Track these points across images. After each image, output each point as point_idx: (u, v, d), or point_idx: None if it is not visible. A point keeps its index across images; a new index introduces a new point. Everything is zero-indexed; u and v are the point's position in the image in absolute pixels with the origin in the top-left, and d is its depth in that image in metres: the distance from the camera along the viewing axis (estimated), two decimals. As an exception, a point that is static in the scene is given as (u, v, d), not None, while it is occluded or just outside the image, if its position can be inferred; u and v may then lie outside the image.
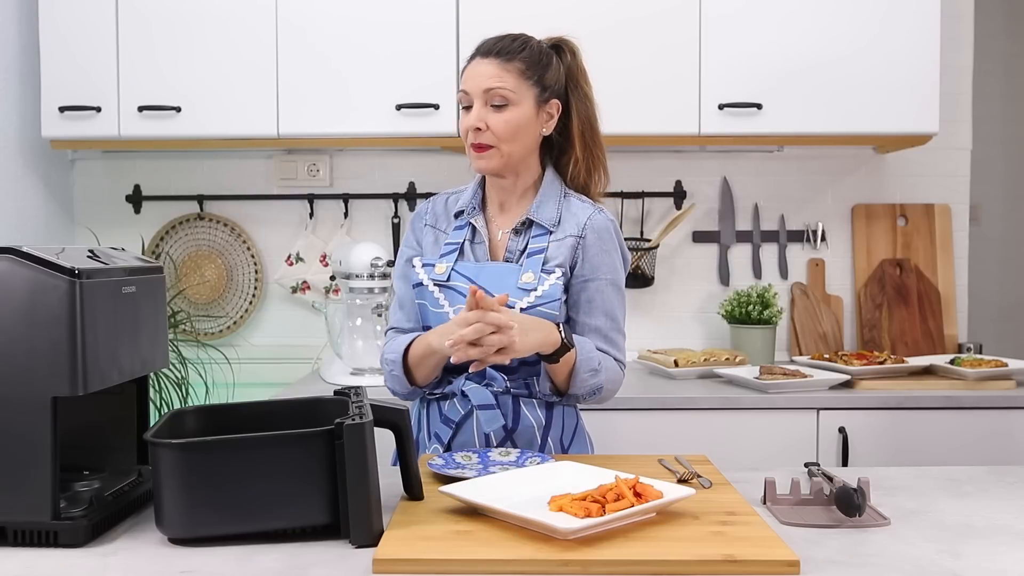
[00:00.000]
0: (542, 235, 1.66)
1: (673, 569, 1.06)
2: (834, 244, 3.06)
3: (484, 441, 1.64)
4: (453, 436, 1.66)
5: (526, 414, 1.65)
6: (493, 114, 1.61)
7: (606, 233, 1.68)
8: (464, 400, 1.65)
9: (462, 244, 1.70)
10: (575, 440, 1.72)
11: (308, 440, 1.16)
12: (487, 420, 1.62)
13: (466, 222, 1.71)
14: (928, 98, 2.64)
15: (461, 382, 1.66)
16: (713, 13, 2.64)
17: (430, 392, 1.70)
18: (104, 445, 1.42)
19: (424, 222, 1.77)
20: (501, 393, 1.64)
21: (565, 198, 1.70)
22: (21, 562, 1.11)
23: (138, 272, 1.33)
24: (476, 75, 1.63)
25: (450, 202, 1.77)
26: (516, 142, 1.63)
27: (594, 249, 1.66)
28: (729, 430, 2.38)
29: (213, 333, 3.06)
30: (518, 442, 1.64)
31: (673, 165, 3.05)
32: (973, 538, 1.19)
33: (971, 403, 2.39)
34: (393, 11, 2.66)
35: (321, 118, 2.68)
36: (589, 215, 1.67)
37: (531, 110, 1.64)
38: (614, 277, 1.68)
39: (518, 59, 1.62)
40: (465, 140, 1.66)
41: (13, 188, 2.77)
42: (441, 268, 1.67)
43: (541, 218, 1.67)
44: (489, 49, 1.64)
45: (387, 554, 1.08)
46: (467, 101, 1.64)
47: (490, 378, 1.64)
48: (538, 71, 1.64)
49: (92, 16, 2.69)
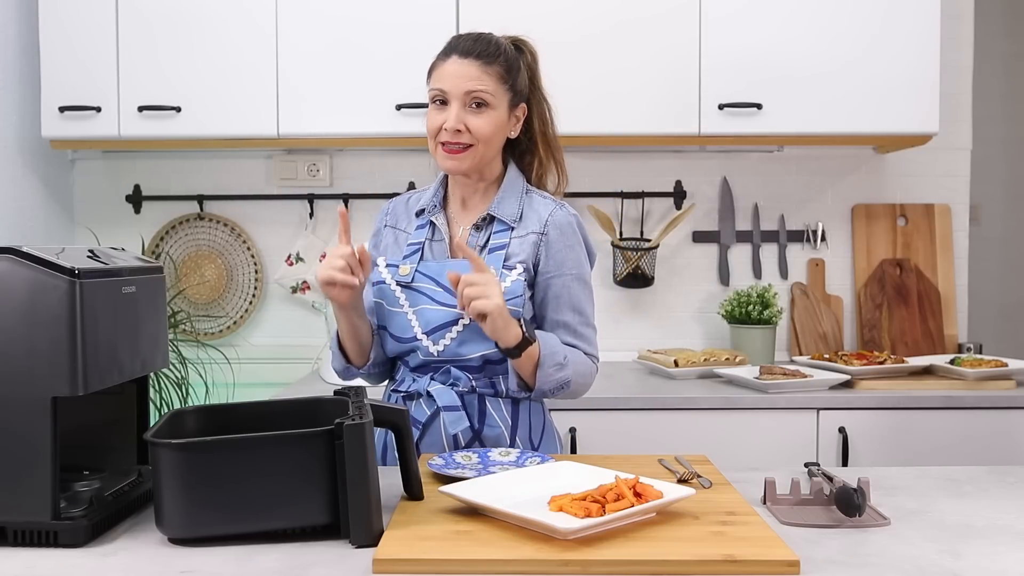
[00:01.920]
0: (503, 231, 1.66)
1: (673, 569, 1.06)
2: (834, 244, 3.06)
3: (452, 442, 1.63)
4: (420, 438, 1.65)
5: (491, 414, 1.64)
6: (472, 116, 1.61)
7: (568, 228, 1.67)
8: (430, 400, 1.64)
9: (423, 243, 1.70)
10: (544, 439, 1.71)
11: (308, 440, 1.16)
12: (452, 421, 1.61)
13: (427, 220, 1.71)
14: (928, 98, 2.64)
15: (426, 382, 1.65)
16: (713, 13, 2.64)
17: (394, 390, 1.71)
18: (104, 445, 1.42)
19: (384, 223, 1.77)
20: (467, 393, 1.64)
21: (527, 195, 1.70)
22: (21, 562, 1.11)
23: (138, 272, 1.33)
24: (456, 75, 1.61)
25: (411, 201, 1.77)
26: (491, 144, 1.64)
27: (557, 245, 1.65)
28: (729, 430, 2.38)
29: (213, 333, 3.06)
30: (486, 443, 1.64)
31: (673, 165, 3.05)
32: (973, 538, 1.19)
33: (971, 403, 2.39)
34: (393, 11, 2.66)
35: (321, 118, 2.68)
36: (551, 211, 1.67)
37: (504, 113, 1.64)
38: (579, 272, 1.67)
39: (497, 63, 1.62)
40: (433, 138, 1.64)
41: (13, 188, 2.77)
42: (405, 269, 1.67)
43: (502, 214, 1.67)
44: (468, 50, 1.62)
45: (387, 554, 1.08)
46: (441, 99, 1.63)
47: (455, 378, 1.64)
48: (512, 75, 1.65)
49: (92, 16, 2.69)
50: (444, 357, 1.63)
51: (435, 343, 1.63)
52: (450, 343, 1.62)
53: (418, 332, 1.63)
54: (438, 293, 1.63)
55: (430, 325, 1.63)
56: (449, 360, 1.63)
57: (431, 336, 1.63)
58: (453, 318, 1.61)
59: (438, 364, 1.65)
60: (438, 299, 1.62)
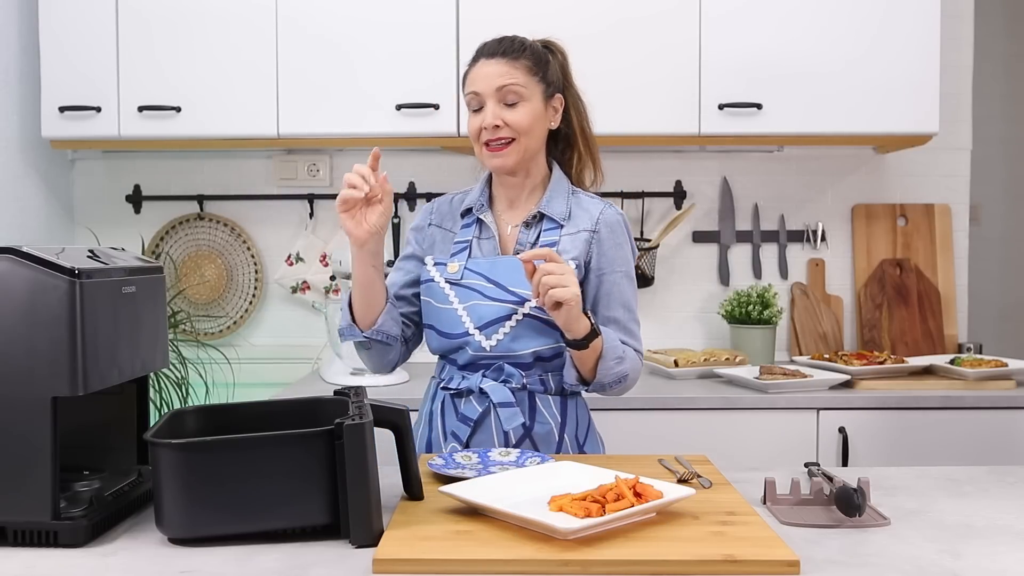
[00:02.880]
0: (553, 229, 1.68)
1: (673, 569, 1.06)
2: (834, 244, 3.06)
3: (504, 440, 1.64)
4: (472, 434, 1.66)
5: (542, 410, 1.66)
6: (507, 111, 1.64)
7: (618, 227, 1.71)
8: (481, 398, 1.66)
9: (471, 241, 1.71)
10: (588, 438, 1.73)
11: (308, 440, 1.16)
12: (507, 418, 1.63)
13: (474, 219, 1.73)
14: (928, 98, 2.64)
15: (478, 379, 1.66)
16: (713, 13, 2.64)
17: (443, 387, 1.71)
18: (104, 445, 1.42)
19: (429, 222, 1.78)
20: (518, 390, 1.65)
21: (573, 194, 1.73)
22: (21, 562, 1.11)
23: (138, 272, 1.33)
24: (486, 75, 1.65)
25: (455, 202, 1.79)
26: (532, 135, 1.66)
27: (608, 243, 1.68)
28: (729, 430, 2.38)
29: (213, 333, 3.06)
30: (536, 440, 1.65)
31: (673, 165, 3.05)
32: (973, 538, 1.19)
33: (971, 403, 2.39)
34: (393, 11, 2.66)
35: (321, 118, 2.68)
36: (601, 210, 1.71)
37: (540, 105, 1.67)
38: (628, 269, 1.71)
39: (523, 57, 1.66)
40: (477, 140, 1.67)
41: (13, 188, 2.77)
42: (454, 267, 1.69)
43: (552, 212, 1.69)
44: (494, 50, 1.66)
45: (387, 554, 1.08)
46: (477, 103, 1.66)
47: (507, 375, 1.65)
48: (542, 68, 1.68)
49: (92, 16, 2.69)
50: (496, 352, 1.65)
51: (487, 338, 1.64)
52: (503, 338, 1.64)
53: (470, 327, 1.65)
54: (489, 289, 1.65)
55: (482, 320, 1.64)
56: (501, 356, 1.65)
57: (484, 331, 1.64)
58: (506, 313, 1.63)
59: (489, 361, 1.66)
60: (490, 295, 1.64)
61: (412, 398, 2.38)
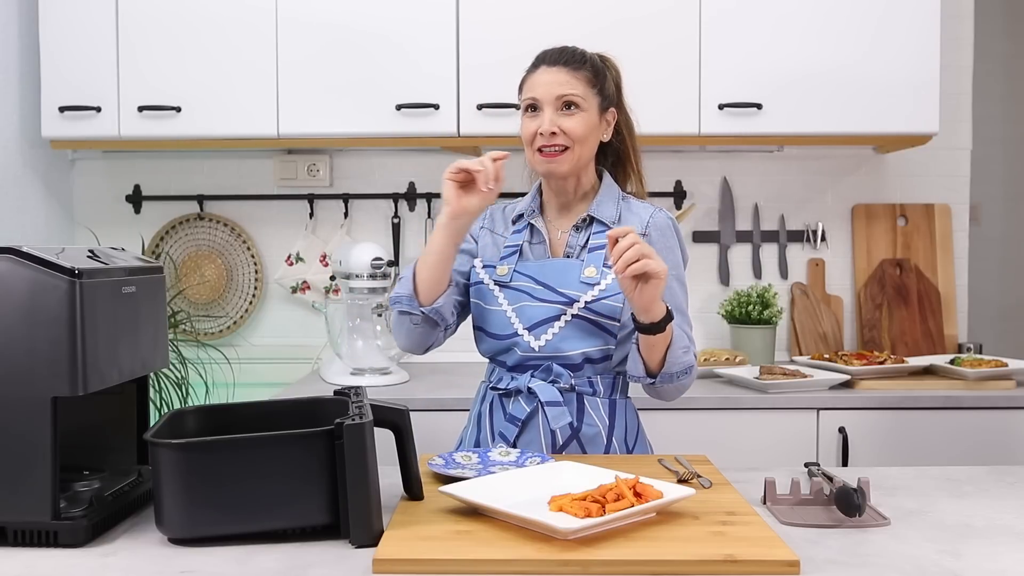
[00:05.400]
0: (602, 232, 1.69)
1: (673, 569, 1.06)
2: (834, 244, 3.06)
3: (551, 440, 1.65)
4: (519, 434, 1.66)
5: (590, 412, 1.66)
6: (564, 119, 1.65)
7: (668, 231, 1.72)
8: (530, 398, 1.66)
9: (521, 245, 1.73)
10: (638, 441, 1.73)
11: (308, 440, 1.16)
12: (555, 417, 1.63)
13: (526, 224, 1.75)
14: (928, 98, 2.64)
15: (527, 379, 1.67)
16: (713, 13, 2.64)
17: (492, 387, 1.72)
18: (104, 445, 1.42)
19: (481, 225, 1.80)
20: (566, 391, 1.66)
21: (623, 200, 1.75)
22: (21, 562, 1.11)
23: (138, 272, 1.33)
24: (547, 83, 1.66)
25: (507, 210, 1.82)
26: (586, 145, 1.68)
27: (658, 246, 1.67)
28: (729, 430, 2.38)
29: (213, 333, 3.06)
30: (583, 442, 1.65)
31: (673, 165, 3.05)
32: (973, 538, 1.19)
33: (971, 403, 2.39)
34: (393, 11, 2.66)
35: (321, 118, 2.68)
36: (651, 213, 1.73)
37: (596, 116, 1.69)
38: (678, 272, 1.71)
39: (584, 68, 1.68)
40: (530, 145, 1.68)
41: (13, 188, 2.77)
42: (503, 270, 1.71)
43: (602, 215, 1.71)
44: (556, 59, 1.69)
45: (387, 554, 1.08)
46: (533, 107, 1.68)
47: (556, 375, 1.66)
48: (600, 80, 1.70)
49: (92, 16, 2.69)
50: (545, 353, 1.65)
51: (536, 338, 1.65)
52: (552, 338, 1.65)
53: (519, 328, 1.66)
54: (538, 290, 1.66)
55: (531, 321, 1.65)
56: (550, 356, 1.66)
57: (532, 331, 1.65)
58: (555, 313, 1.65)
59: (538, 362, 1.67)
60: (539, 296, 1.66)
61: (412, 398, 2.38)
